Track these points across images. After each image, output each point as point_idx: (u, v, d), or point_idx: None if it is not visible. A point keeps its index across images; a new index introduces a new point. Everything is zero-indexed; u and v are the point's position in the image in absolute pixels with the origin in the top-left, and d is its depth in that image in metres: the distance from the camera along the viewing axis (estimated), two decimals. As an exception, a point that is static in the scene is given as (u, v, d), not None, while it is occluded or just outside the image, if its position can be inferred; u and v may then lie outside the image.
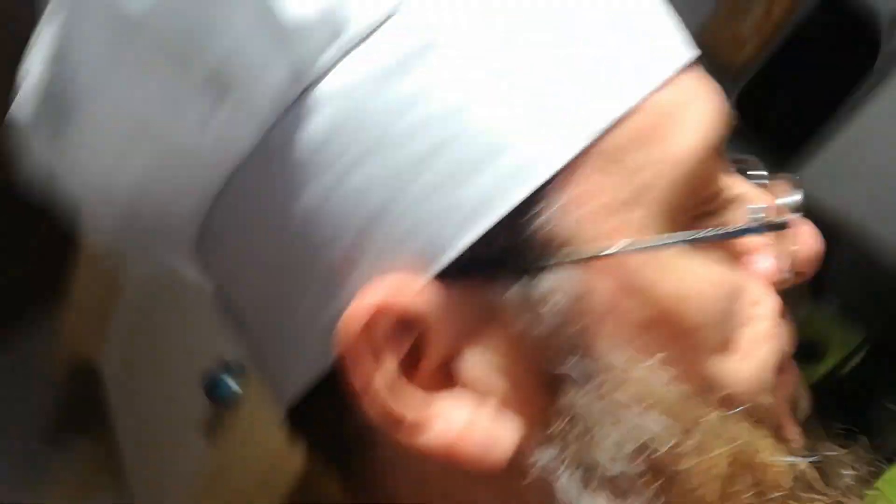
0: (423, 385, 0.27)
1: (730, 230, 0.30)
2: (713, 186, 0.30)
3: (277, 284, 0.29)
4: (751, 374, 0.30)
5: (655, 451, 0.27)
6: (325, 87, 0.27)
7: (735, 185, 0.33)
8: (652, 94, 0.28)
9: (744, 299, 0.30)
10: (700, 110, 0.29)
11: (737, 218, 0.32)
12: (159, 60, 0.25)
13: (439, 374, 0.28)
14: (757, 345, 0.30)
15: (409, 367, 0.28)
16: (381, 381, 0.27)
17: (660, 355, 0.28)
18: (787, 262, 0.32)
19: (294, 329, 0.29)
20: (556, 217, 0.27)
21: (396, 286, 0.27)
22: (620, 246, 0.27)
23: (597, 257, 0.27)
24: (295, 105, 0.27)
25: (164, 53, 0.25)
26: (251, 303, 0.30)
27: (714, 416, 0.28)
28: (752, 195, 0.32)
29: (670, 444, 0.27)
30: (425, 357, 0.27)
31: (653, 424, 0.27)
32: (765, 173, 0.34)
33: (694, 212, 0.30)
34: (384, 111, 0.26)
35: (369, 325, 0.26)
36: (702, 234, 0.28)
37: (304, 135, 0.27)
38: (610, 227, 0.27)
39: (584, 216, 0.27)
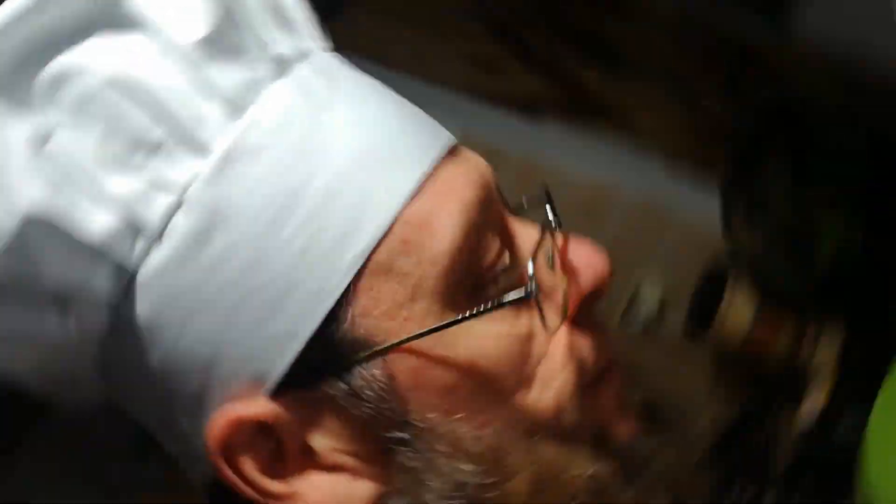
0: (294, 468, 0.35)
1: (496, 303, 0.35)
2: (487, 257, 0.35)
3: (161, 416, 0.37)
4: (550, 401, 0.35)
5: (469, 487, 0.34)
6: (142, 276, 0.33)
7: (520, 239, 0.37)
8: (403, 208, 0.34)
9: (536, 338, 0.36)
10: (451, 210, 0.34)
11: (521, 276, 0.36)
12: (9, 300, 0.33)
13: (303, 457, 0.35)
14: (553, 374, 0.36)
15: (279, 458, 0.35)
16: (248, 473, 0.34)
17: (464, 411, 0.34)
18: (580, 286, 0.37)
19: (184, 445, 0.37)
20: (354, 325, 0.33)
21: (242, 405, 0.34)
22: (404, 337, 0.33)
23: (390, 349, 0.33)
24: (124, 296, 0.33)
25: (8, 295, 0.32)
26: (154, 424, 0.39)
27: (519, 446, 0.35)
28: (528, 249, 0.36)
29: (480, 481, 0.34)
30: (287, 449, 0.34)
31: (464, 467, 0.34)
32: (548, 206, 0.38)
33: (474, 282, 0.35)
34: (193, 280, 0.33)
35: (228, 437, 0.33)
36: (468, 315, 0.34)
37: (138, 314, 0.34)
38: (397, 323, 0.34)
39: (375, 319, 0.34)
